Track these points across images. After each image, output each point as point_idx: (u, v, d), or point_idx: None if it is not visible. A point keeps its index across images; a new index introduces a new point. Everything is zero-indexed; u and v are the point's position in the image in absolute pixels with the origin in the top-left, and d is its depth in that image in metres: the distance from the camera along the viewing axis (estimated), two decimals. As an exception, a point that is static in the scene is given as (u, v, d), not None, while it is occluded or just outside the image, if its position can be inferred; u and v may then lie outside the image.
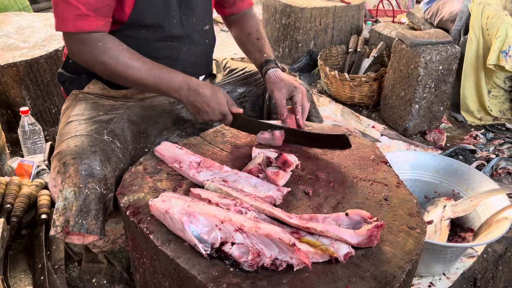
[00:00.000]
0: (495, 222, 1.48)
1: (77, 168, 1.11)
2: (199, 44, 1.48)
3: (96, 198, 1.12)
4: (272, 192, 1.08)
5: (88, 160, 1.12)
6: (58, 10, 1.18)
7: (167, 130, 1.41)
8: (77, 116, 1.31)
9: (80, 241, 1.15)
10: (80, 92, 1.42)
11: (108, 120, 1.29)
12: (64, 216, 1.11)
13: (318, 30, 3.28)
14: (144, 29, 1.33)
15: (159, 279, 1.00)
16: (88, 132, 1.22)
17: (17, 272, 1.52)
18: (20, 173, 1.91)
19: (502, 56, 2.34)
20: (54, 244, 1.58)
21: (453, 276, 1.58)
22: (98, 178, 1.12)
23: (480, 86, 2.59)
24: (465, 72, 2.57)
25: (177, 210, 0.94)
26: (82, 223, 1.11)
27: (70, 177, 1.11)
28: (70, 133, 1.23)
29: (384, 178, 1.16)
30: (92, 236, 1.14)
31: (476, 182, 1.66)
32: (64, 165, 1.12)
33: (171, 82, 1.24)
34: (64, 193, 1.11)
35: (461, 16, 2.61)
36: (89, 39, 1.20)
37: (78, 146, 1.16)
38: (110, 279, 1.50)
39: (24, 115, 2.05)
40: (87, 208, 1.11)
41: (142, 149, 1.34)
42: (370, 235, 0.91)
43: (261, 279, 0.85)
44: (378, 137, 2.50)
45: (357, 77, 2.70)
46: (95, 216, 1.13)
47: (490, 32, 2.41)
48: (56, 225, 1.12)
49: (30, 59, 2.23)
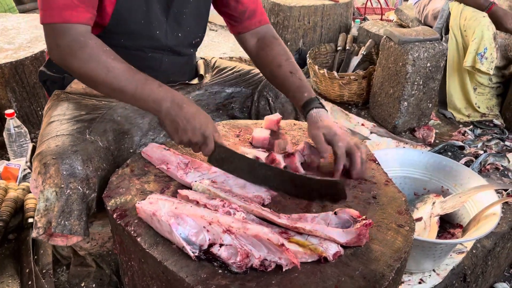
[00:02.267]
0: (483, 218, 1.49)
1: (58, 168, 1.08)
2: (184, 55, 1.45)
3: (79, 198, 1.10)
4: (261, 192, 1.08)
5: (70, 160, 1.10)
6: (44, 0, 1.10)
7: (153, 131, 1.39)
8: (59, 116, 1.28)
9: (64, 243, 1.13)
10: (62, 92, 1.39)
11: (90, 120, 1.26)
12: (46, 218, 1.09)
13: (307, 28, 3.28)
14: (124, 36, 1.28)
15: (148, 282, 0.99)
16: (70, 132, 1.19)
17: (5, 277, 1.50)
18: (6, 176, 1.88)
19: (477, 59, 2.36)
20: (42, 248, 1.56)
21: (443, 272, 1.59)
22: (80, 178, 1.10)
23: (465, 84, 2.61)
24: (449, 71, 2.59)
25: (165, 212, 0.93)
26: (65, 224, 1.09)
27: (51, 177, 1.09)
28: (51, 133, 1.21)
29: (373, 176, 1.16)
30: (76, 237, 1.12)
31: (465, 178, 1.67)
32: (45, 166, 1.10)
33: (153, 92, 1.11)
34: (45, 194, 1.09)
35: (442, 15, 2.63)
36: (72, 31, 1.09)
37: (59, 146, 1.13)
38: (99, 282, 1.48)
39: (9, 118, 2.02)
40: (69, 208, 1.09)
41: (127, 150, 1.32)
42: (359, 234, 0.91)
43: (250, 280, 0.84)
44: (368, 135, 2.51)
45: (346, 75, 2.71)
46: (78, 216, 1.11)
47: (468, 33, 2.43)
48: (38, 227, 1.10)
49: (15, 60, 2.20)
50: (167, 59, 1.40)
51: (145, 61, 1.35)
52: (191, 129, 1.09)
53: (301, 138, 1.33)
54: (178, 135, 1.11)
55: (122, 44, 1.29)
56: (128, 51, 1.30)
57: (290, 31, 3.28)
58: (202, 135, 1.10)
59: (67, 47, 1.10)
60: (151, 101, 1.11)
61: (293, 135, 1.35)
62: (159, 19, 1.31)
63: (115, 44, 1.26)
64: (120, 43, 1.29)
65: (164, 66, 1.40)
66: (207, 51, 3.96)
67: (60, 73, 1.42)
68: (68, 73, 1.39)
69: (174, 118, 1.10)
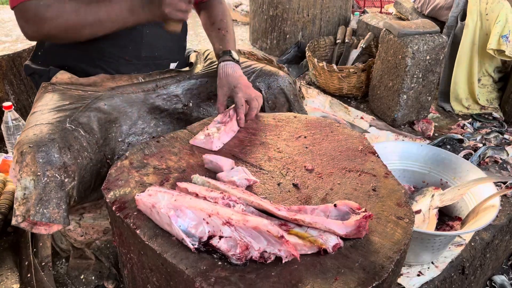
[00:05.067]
0: (482, 210, 1.50)
1: (34, 156, 1.08)
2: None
3: (57, 186, 1.10)
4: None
5: (46, 148, 1.10)
6: None
7: (143, 120, 1.38)
8: (42, 106, 1.28)
9: (47, 231, 1.13)
10: (49, 84, 1.39)
11: (73, 109, 1.26)
12: (25, 206, 1.09)
13: (306, 21, 3.26)
14: None
15: (147, 274, 0.99)
16: (50, 121, 1.19)
17: (4, 269, 1.50)
18: (5, 169, 1.88)
19: (502, 41, 2.38)
20: (41, 241, 1.56)
21: (441, 264, 1.59)
22: (57, 165, 1.10)
23: (472, 73, 2.62)
24: (459, 58, 2.59)
25: (164, 204, 0.93)
26: (43, 212, 1.09)
27: (28, 165, 1.08)
28: (31, 123, 1.21)
29: (372, 169, 1.16)
30: (56, 225, 1.12)
31: (464, 171, 1.68)
32: (22, 154, 1.09)
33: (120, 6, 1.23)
34: (22, 182, 1.08)
35: (458, 2, 2.64)
36: (34, 3, 1.19)
37: (37, 134, 1.13)
38: (99, 275, 1.48)
39: (7, 111, 2.01)
40: (47, 196, 1.09)
41: (115, 139, 1.31)
42: (358, 226, 0.91)
43: (249, 272, 0.84)
44: (367, 128, 2.51)
45: (345, 68, 2.70)
46: (57, 204, 1.10)
47: (490, 17, 2.44)
48: (16, 215, 1.10)
49: (12, 53, 2.18)
50: (148, 30, 1.40)
51: (126, 34, 1.36)
52: None
53: (301, 131, 1.33)
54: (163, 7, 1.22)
55: None
56: None
57: (289, 24, 3.26)
58: None
59: (35, 16, 1.20)
60: (126, 9, 1.24)
61: (295, 128, 1.35)
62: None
63: None
64: None
65: (146, 38, 1.41)
66: (205, 44, 3.94)
67: (45, 65, 1.42)
68: (53, 65, 1.41)
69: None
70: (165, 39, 1.46)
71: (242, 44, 3.67)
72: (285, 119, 1.40)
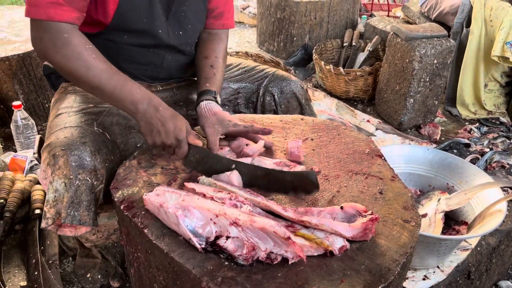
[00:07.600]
0: (488, 215, 1.49)
1: (67, 159, 1.10)
2: (187, 54, 1.44)
3: (87, 189, 1.12)
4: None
5: (78, 151, 1.11)
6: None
7: None
8: (67, 108, 1.30)
9: (72, 233, 1.15)
10: (69, 85, 1.40)
11: (98, 113, 1.28)
12: (55, 208, 1.10)
13: (313, 24, 3.27)
14: (127, 34, 1.28)
15: (154, 273, 0.99)
16: (78, 124, 1.21)
17: (11, 267, 1.51)
18: (13, 168, 1.90)
19: (506, 47, 2.37)
20: (48, 239, 1.58)
21: (447, 269, 1.59)
22: (88, 169, 1.12)
23: (478, 79, 2.61)
24: (465, 65, 2.59)
25: (172, 204, 0.93)
26: (74, 215, 1.10)
27: (60, 168, 1.10)
28: (60, 125, 1.22)
29: (379, 172, 1.16)
30: (84, 227, 1.14)
31: (470, 176, 1.67)
32: (54, 157, 1.11)
33: (132, 93, 1.13)
34: (54, 185, 1.10)
35: (463, 9, 2.63)
36: (56, 28, 1.10)
37: (68, 137, 1.14)
38: (105, 273, 1.49)
39: (17, 110, 2.03)
40: (78, 199, 1.11)
41: (134, 144, 1.32)
42: (365, 229, 0.91)
43: (256, 272, 0.85)
44: (373, 131, 2.51)
45: (352, 71, 2.70)
46: (87, 207, 1.12)
47: (494, 23, 2.44)
48: (47, 217, 1.11)
49: (22, 53, 2.21)
50: (170, 56, 1.40)
51: (147, 57, 1.36)
52: (164, 131, 1.11)
53: (307, 133, 1.33)
54: (151, 137, 1.13)
55: (125, 41, 1.30)
56: (131, 47, 1.32)
57: (296, 27, 3.27)
58: (175, 138, 1.12)
59: (50, 42, 1.11)
60: (128, 102, 1.13)
61: (302, 130, 1.35)
62: (161, 19, 1.31)
63: (117, 41, 1.28)
64: (123, 40, 1.30)
65: (166, 63, 1.41)
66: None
67: None
68: None
69: (149, 120, 1.13)
70: (183, 63, 1.46)
71: (249, 47, 3.68)
72: (292, 121, 1.40)
